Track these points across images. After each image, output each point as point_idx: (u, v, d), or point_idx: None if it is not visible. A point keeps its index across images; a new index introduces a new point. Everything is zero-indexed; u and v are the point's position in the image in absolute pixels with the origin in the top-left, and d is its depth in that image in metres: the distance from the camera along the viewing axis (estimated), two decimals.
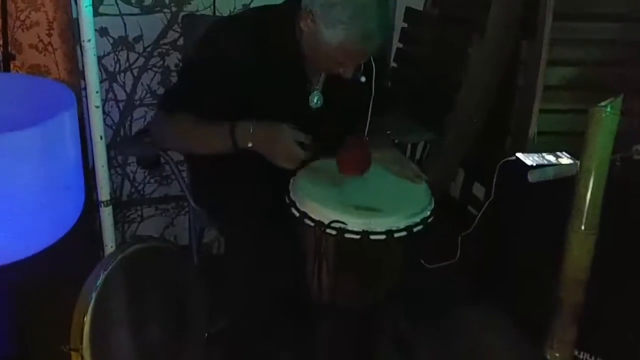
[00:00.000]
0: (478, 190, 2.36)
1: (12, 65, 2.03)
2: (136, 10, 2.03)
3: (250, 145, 1.47)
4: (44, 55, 2.01)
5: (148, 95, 2.15)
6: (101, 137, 1.54)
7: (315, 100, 1.62)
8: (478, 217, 1.86)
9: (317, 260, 1.41)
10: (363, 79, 1.56)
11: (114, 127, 2.15)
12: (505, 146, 2.05)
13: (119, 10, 2.02)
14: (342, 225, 1.35)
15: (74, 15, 1.84)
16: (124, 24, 2.03)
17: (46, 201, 1.26)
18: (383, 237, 1.35)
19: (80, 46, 1.47)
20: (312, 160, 1.54)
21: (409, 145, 2.20)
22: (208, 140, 1.53)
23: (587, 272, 1.39)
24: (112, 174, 2.19)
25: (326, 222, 1.35)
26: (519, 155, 1.81)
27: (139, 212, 2.31)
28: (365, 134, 1.62)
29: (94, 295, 1.33)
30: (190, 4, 2.07)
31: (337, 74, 1.52)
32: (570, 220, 1.36)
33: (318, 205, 1.39)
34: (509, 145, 2.02)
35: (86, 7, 1.41)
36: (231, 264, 1.53)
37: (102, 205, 1.60)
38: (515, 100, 2.01)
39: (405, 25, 2.37)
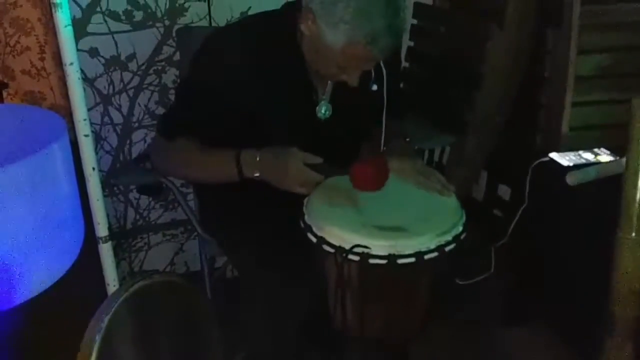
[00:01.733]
0: (503, 191, 2.23)
1: (4, 94, 1.96)
2: (127, 27, 1.95)
3: (257, 174, 1.38)
4: (38, 80, 1.98)
5: (146, 116, 2.07)
6: (94, 169, 1.41)
7: (323, 111, 1.51)
8: (512, 226, 1.70)
9: (340, 289, 1.28)
10: (375, 87, 1.45)
11: (112, 153, 2.07)
12: (534, 145, 1.90)
13: (109, 29, 1.94)
14: (366, 250, 1.21)
15: None
16: (115, 42, 1.96)
17: (40, 240, 1.17)
18: (412, 260, 1.21)
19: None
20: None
21: (426, 150, 2.06)
22: (212, 170, 1.46)
23: None
24: (115, 201, 2.14)
25: (347, 247, 1.22)
26: (553, 155, 1.66)
27: (146, 240, 2.23)
28: (382, 144, 1.50)
29: (97, 339, 1.22)
30: (184, 15, 1.99)
31: (342, 81, 1.40)
32: (618, 227, 1.23)
33: (337, 228, 1.26)
34: (539, 144, 1.87)
35: (65, 27, 1.28)
36: (248, 297, 1.44)
37: (101, 241, 1.49)
38: (542, 94, 1.86)
39: (415, 21, 2.24)
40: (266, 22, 1.47)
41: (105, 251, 1.51)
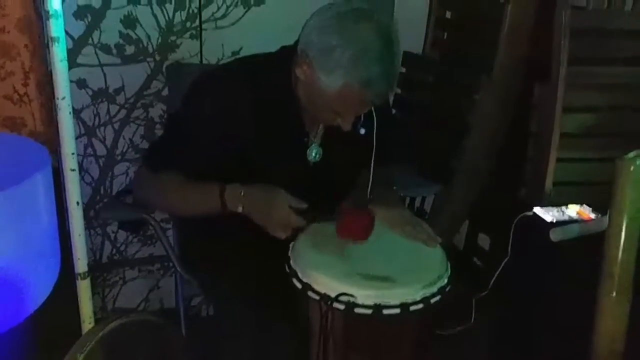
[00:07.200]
0: (483, 240, 2.23)
1: None
2: (117, 61, 1.95)
3: (240, 209, 1.36)
4: (20, 107, 1.94)
5: (130, 149, 2.05)
6: (78, 203, 1.38)
7: (313, 154, 1.51)
8: (494, 278, 1.70)
9: (323, 337, 1.25)
10: (362, 131, 1.45)
11: (93, 185, 2.04)
12: (518, 197, 1.91)
13: (99, 61, 1.93)
14: (351, 299, 1.19)
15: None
16: (104, 74, 1.95)
17: (15, 273, 1.14)
18: (397, 311, 1.20)
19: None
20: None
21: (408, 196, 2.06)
22: (196, 202, 1.43)
23: (622, 343, 1.25)
24: (92, 234, 2.09)
25: (333, 295, 1.20)
26: (537, 210, 1.68)
27: (121, 275, 2.19)
28: (369, 190, 1.49)
29: None
30: (175, 52, 1.99)
31: (335, 125, 1.40)
32: (599, 286, 1.22)
33: (323, 275, 1.24)
34: (523, 197, 1.88)
35: (61, 61, 1.27)
36: (227, 340, 1.42)
37: (79, 277, 1.44)
38: (528, 147, 1.89)
39: (404, 70, 2.26)
40: (263, 63, 1.47)
41: (83, 288, 1.47)
